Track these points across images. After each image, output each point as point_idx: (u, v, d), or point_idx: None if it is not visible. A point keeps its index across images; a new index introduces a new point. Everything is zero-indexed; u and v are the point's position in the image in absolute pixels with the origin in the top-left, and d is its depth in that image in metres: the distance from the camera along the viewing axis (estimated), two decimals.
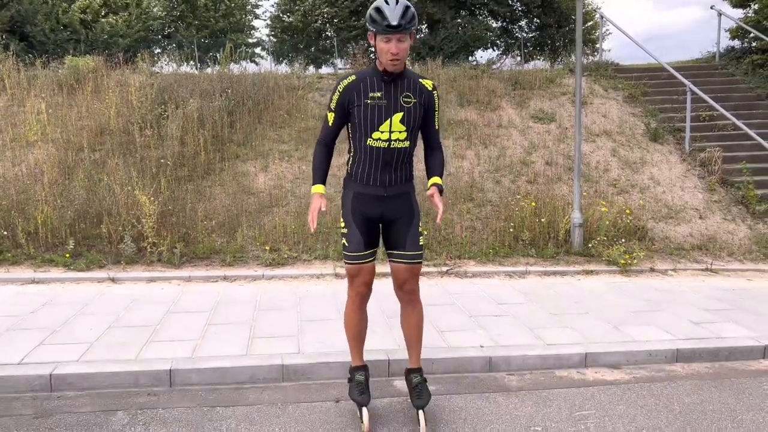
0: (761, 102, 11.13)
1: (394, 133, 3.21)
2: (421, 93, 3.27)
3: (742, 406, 3.79)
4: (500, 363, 4.34)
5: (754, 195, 8.49)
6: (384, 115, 3.19)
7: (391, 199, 3.33)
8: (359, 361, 3.58)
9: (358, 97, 3.20)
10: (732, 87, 11.59)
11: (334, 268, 6.63)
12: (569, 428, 3.46)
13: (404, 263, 3.40)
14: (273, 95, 10.05)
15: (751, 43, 12.91)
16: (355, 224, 3.35)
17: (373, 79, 3.21)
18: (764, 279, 6.93)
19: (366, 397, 3.43)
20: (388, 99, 3.19)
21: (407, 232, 3.38)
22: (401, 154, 3.27)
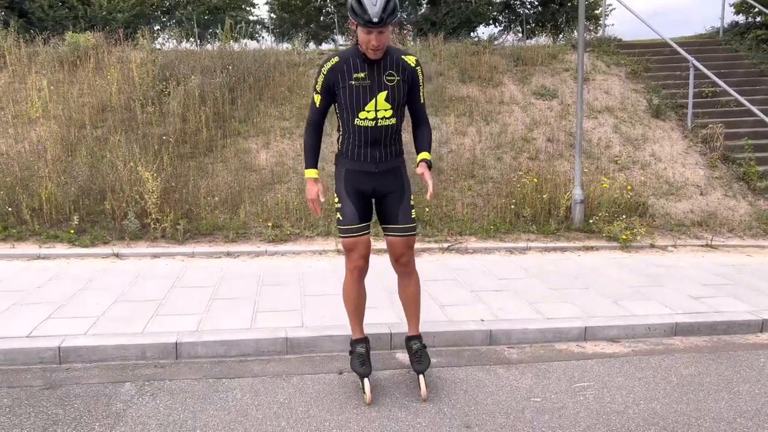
0: (765, 78, 11.06)
1: (380, 111, 3.27)
2: (404, 70, 3.30)
3: (738, 378, 3.85)
4: (500, 336, 4.41)
5: (756, 171, 8.50)
6: (369, 95, 3.24)
7: (381, 174, 3.40)
8: (360, 334, 3.65)
9: (342, 79, 3.24)
10: (736, 63, 11.51)
11: (335, 244, 6.68)
12: (568, 399, 3.53)
13: (399, 236, 3.47)
14: (274, 72, 10.01)
15: (755, 18, 12.78)
16: (348, 198, 3.41)
17: (356, 60, 3.23)
18: (764, 255, 6.97)
19: (367, 369, 3.51)
20: (372, 79, 3.23)
21: (399, 205, 3.44)
22: (389, 130, 3.34)
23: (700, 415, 3.33)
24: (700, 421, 3.27)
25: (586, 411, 3.38)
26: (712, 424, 3.23)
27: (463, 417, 3.30)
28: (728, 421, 3.28)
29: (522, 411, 3.38)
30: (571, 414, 3.35)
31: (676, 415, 3.34)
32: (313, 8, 19.63)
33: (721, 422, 3.26)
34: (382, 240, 6.85)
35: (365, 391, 3.46)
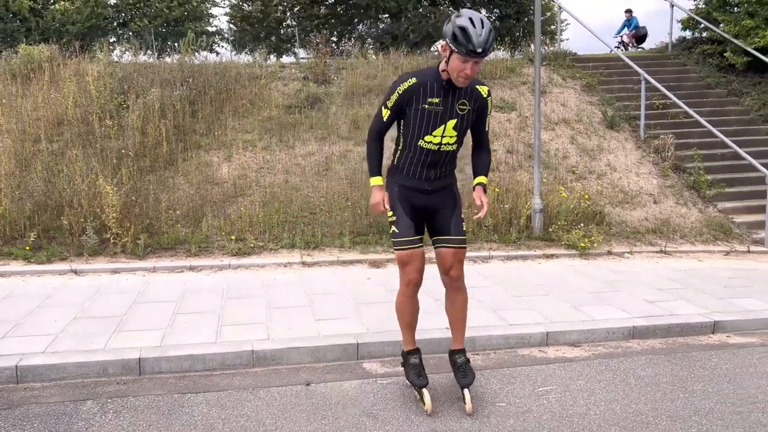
0: (711, 91, 11.57)
1: (445, 137, 3.32)
2: (477, 99, 3.34)
3: (692, 377, 4.01)
4: (465, 344, 4.46)
5: (705, 180, 8.86)
6: (439, 122, 3.27)
7: (434, 191, 3.47)
8: (412, 345, 3.65)
9: (416, 101, 3.25)
10: (684, 76, 12.00)
11: (300, 256, 6.67)
12: (532, 403, 3.61)
13: (450, 247, 3.48)
14: (235, 84, 9.96)
15: (701, 34, 13.36)
16: (403, 211, 3.43)
17: (434, 85, 3.24)
18: (714, 259, 7.26)
19: (424, 380, 3.51)
20: (445, 106, 3.26)
21: (451, 218, 3.49)
22: (449, 155, 3.41)
23: (657, 414, 3.45)
24: (657, 420, 3.39)
25: (549, 414, 3.46)
26: (669, 423, 3.36)
27: (430, 423, 3.34)
28: (683, 419, 3.41)
29: (488, 416, 3.44)
30: (534, 417, 3.42)
31: (634, 415, 3.45)
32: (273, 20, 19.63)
33: (677, 420, 3.38)
34: (358, 253, 6.89)
35: (425, 401, 3.45)
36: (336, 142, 9.04)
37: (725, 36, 11.85)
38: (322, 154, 8.75)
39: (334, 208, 7.65)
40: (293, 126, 9.26)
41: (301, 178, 8.27)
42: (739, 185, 9.02)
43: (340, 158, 8.72)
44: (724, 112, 10.80)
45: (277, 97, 10.00)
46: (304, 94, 9.97)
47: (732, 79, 11.78)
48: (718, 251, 7.60)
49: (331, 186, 8.07)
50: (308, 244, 7.00)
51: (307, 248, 6.95)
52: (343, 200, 7.79)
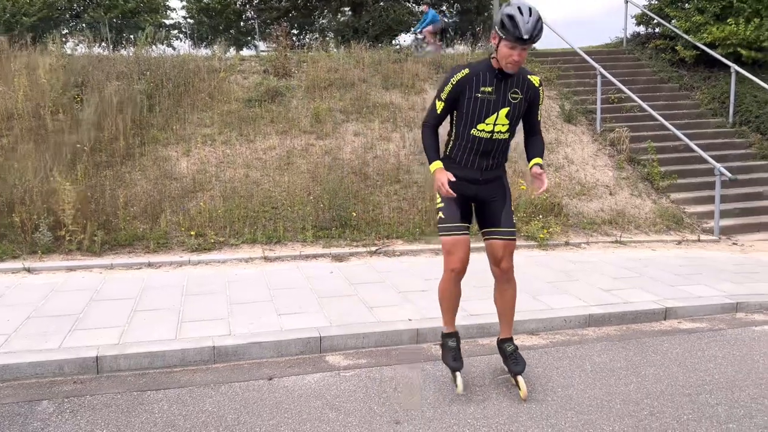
0: (664, 85, 11.92)
1: (497, 125, 3.38)
2: (528, 89, 3.41)
3: (645, 362, 4.15)
4: (427, 334, 4.53)
5: (658, 172, 9.14)
6: (492, 109, 3.34)
7: (485, 182, 3.52)
8: (452, 328, 3.70)
9: (469, 90, 3.32)
10: (638, 71, 12.33)
11: (262, 251, 6.62)
12: (492, 391, 3.68)
13: (501, 239, 3.54)
14: (194, 78, 9.80)
15: (654, 29, 13.73)
16: (451, 198, 3.45)
17: (486, 74, 3.33)
18: (666, 248, 7.51)
19: (459, 363, 3.60)
20: (498, 94, 3.33)
21: (502, 210, 3.54)
22: (501, 144, 3.46)
23: (611, 398, 3.57)
24: (611, 403, 3.50)
25: (508, 401, 3.54)
26: (622, 406, 3.48)
27: (392, 414, 3.38)
28: (636, 402, 3.53)
29: (449, 405, 3.50)
30: (494, 405, 3.50)
31: (590, 399, 3.56)
32: (232, 13, 19.34)
33: (629, 404, 3.51)
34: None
35: (457, 384, 3.56)
36: (297, 135, 9.00)
37: (676, 31, 12.21)
38: (284, 148, 8.70)
39: (296, 202, 7.62)
40: (253, 120, 9.17)
41: (262, 172, 8.21)
42: (690, 177, 9.33)
43: (302, 152, 8.68)
44: (676, 106, 11.16)
45: (236, 90, 9.88)
46: (265, 87, 9.88)
47: (683, 74, 12.16)
48: (670, 240, 7.86)
49: (292, 180, 8.04)
50: (270, 239, 6.96)
51: (268, 243, 6.91)
52: (305, 194, 7.77)
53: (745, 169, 9.51)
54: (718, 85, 11.46)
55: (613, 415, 3.37)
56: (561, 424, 3.27)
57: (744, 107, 10.79)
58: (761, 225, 8.53)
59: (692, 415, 3.38)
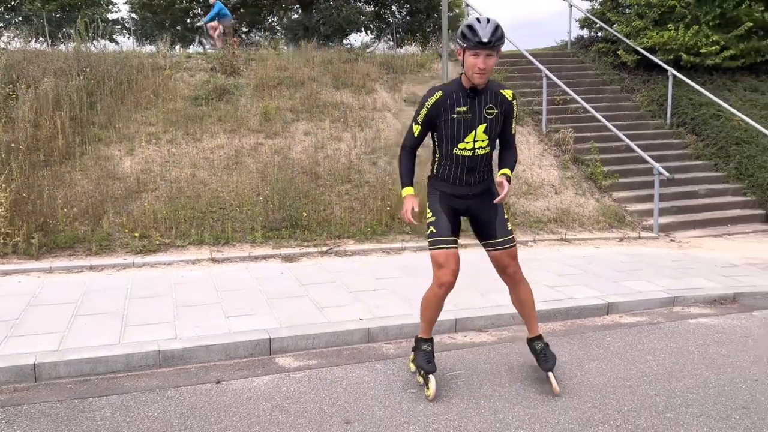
0: (606, 87, 12.32)
1: (477, 142, 3.45)
2: (502, 103, 3.48)
3: (588, 356, 4.28)
4: (378, 333, 4.54)
5: (601, 171, 9.44)
6: (469, 128, 3.41)
7: (475, 196, 3.59)
8: (428, 334, 3.74)
9: (445, 113, 3.39)
10: (582, 73, 12.70)
11: (210, 253, 6.50)
12: (442, 388, 3.72)
13: (502, 249, 3.62)
14: (137, 75, 9.53)
15: (597, 33, 14.17)
16: (443, 212, 3.53)
17: (459, 95, 3.40)
18: (609, 246, 7.76)
19: (433, 366, 3.61)
20: (473, 112, 3.40)
21: (495, 220, 3.61)
22: (484, 158, 3.53)
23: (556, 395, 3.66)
24: (556, 398, 3.60)
25: (457, 398, 3.59)
26: (566, 400, 3.57)
27: (343, 414, 3.38)
28: (580, 395, 3.64)
29: (399, 403, 3.52)
30: (444, 401, 3.54)
31: (536, 394, 3.65)
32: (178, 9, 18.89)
33: (574, 397, 3.61)
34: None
35: (429, 387, 3.55)
36: (246, 135, 8.87)
37: (618, 35, 12.64)
38: (232, 147, 8.56)
39: (245, 202, 7.51)
40: (200, 118, 8.99)
41: (210, 172, 8.05)
42: (631, 176, 9.68)
43: (251, 151, 8.56)
44: (617, 107, 11.55)
45: (182, 88, 9.66)
46: (212, 85, 9.70)
47: (625, 77, 12.59)
48: (612, 238, 8.14)
49: (241, 180, 7.91)
50: (218, 240, 6.83)
51: (216, 244, 6.79)
52: (254, 194, 7.66)
53: (682, 168, 9.93)
54: (657, 87, 11.92)
55: (558, 409, 3.46)
56: (508, 418, 3.34)
57: (681, 109, 11.27)
58: (697, 222, 8.93)
59: (632, 405, 3.50)
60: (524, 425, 3.27)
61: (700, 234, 8.60)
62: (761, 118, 10.66)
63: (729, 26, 11.62)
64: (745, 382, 3.82)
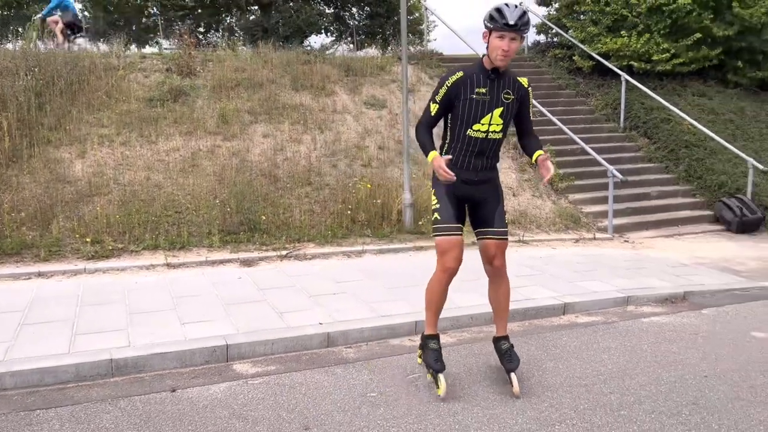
0: (562, 91, 12.58)
1: (492, 125, 3.53)
2: (519, 90, 3.58)
3: (546, 356, 4.34)
4: (338, 337, 4.51)
5: (557, 174, 9.62)
6: (486, 110, 3.49)
7: (480, 182, 3.65)
8: (434, 330, 3.76)
9: (464, 92, 3.48)
10: (539, 77, 12.93)
11: (165, 258, 6.34)
12: (402, 391, 3.72)
13: (495, 239, 3.69)
14: (89, 75, 9.25)
15: (553, 39, 14.46)
16: (447, 200, 3.61)
17: (479, 76, 3.49)
18: (565, 247, 7.91)
19: (442, 365, 3.62)
20: (492, 95, 3.49)
21: (495, 210, 3.69)
22: (495, 143, 3.60)
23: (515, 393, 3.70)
24: (514, 397, 3.63)
25: (418, 400, 3.59)
26: (524, 400, 3.62)
27: (302, 420, 3.34)
28: (538, 395, 3.69)
29: (359, 407, 3.49)
30: (404, 404, 3.54)
31: (494, 394, 3.68)
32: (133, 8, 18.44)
33: (531, 396, 3.66)
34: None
35: (440, 386, 3.57)
36: (203, 137, 8.70)
37: (573, 41, 12.92)
38: (188, 150, 8.39)
39: (202, 206, 7.36)
40: (155, 120, 8.78)
41: (165, 175, 7.87)
42: (586, 178, 9.89)
43: (208, 154, 8.41)
44: (573, 111, 11.80)
45: (137, 89, 9.42)
46: (168, 86, 9.48)
47: (580, 81, 12.88)
48: (569, 239, 8.29)
49: (198, 183, 7.76)
50: (173, 245, 6.67)
51: (172, 249, 6.63)
52: (211, 198, 7.52)
53: (635, 171, 10.21)
54: (611, 92, 12.23)
55: (516, 409, 3.49)
56: (467, 420, 3.36)
57: (633, 113, 11.59)
58: (649, 223, 9.19)
59: (588, 404, 3.57)
60: (483, 426, 3.29)
61: (653, 234, 8.86)
62: (709, 122, 11.06)
63: (678, 34, 12.02)
64: (694, 379, 3.94)
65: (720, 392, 3.74)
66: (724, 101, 12.07)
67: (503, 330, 3.87)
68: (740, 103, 12.11)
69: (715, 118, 11.44)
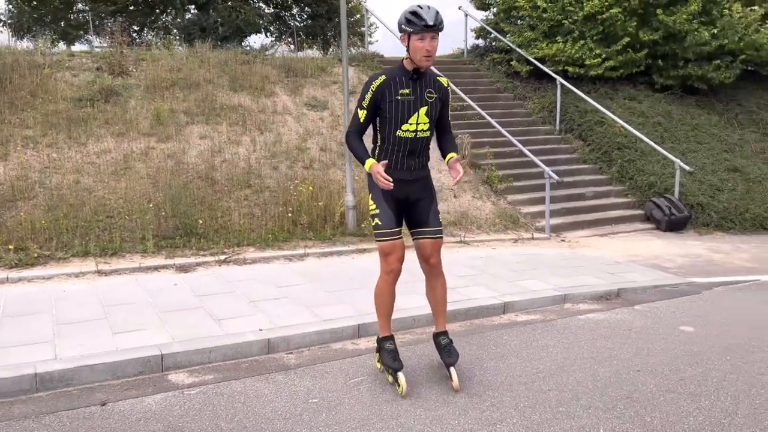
0: (501, 94, 12.84)
1: (419, 124, 3.62)
2: (440, 89, 3.71)
3: (487, 355, 4.39)
4: (279, 343, 4.42)
5: (496, 176, 9.80)
6: (412, 110, 3.59)
7: (414, 182, 3.74)
8: (388, 332, 3.84)
9: (389, 94, 3.56)
10: (478, 81, 13.15)
11: (96, 264, 6.06)
12: (344, 396, 3.67)
13: (430, 238, 3.78)
14: (11, 73, 8.77)
15: (491, 43, 14.74)
16: (386, 204, 3.67)
17: (402, 78, 3.59)
18: (505, 247, 8.06)
19: (399, 363, 3.70)
20: (415, 95, 3.59)
21: (429, 210, 3.79)
22: (424, 142, 3.71)
23: (457, 393, 3.72)
24: (456, 398, 3.65)
25: (360, 405, 3.55)
26: (467, 399, 3.63)
27: (241, 429, 3.24)
28: (479, 394, 3.71)
29: (300, 414, 3.42)
30: (346, 409, 3.49)
31: (437, 395, 3.68)
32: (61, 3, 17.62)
33: (473, 397, 3.68)
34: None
35: (400, 384, 3.64)
36: (136, 138, 8.39)
37: (510, 45, 13.21)
38: (120, 152, 8.06)
39: (135, 210, 7.08)
40: (85, 121, 8.40)
41: (96, 178, 7.53)
42: (524, 180, 10.11)
43: (142, 156, 8.10)
44: (511, 114, 12.06)
45: (64, 88, 8.99)
46: (98, 86, 9.10)
47: (517, 85, 13.17)
48: (508, 239, 8.45)
49: (131, 186, 7.46)
50: (105, 251, 6.38)
51: (103, 255, 6.34)
52: (145, 201, 7.25)
53: (570, 172, 10.52)
54: (547, 96, 12.56)
55: (458, 410, 3.50)
56: (410, 422, 3.34)
57: (568, 116, 11.95)
58: (584, 223, 9.48)
59: (528, 402, 3.62)
60: (426, 428, 3.28)
61: (588, 234, 9.14)
62: (639, 125, 11.52)
63: (609, 40, 12.49)
64: (628, 373, 4.07)
65: (652, 386, 3.87)
66: (653, 105, 12.62)
67: (442, 326, 3.96)
68: (667, 106, 12.69)
69: (644, 121, 11.94)
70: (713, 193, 10.22)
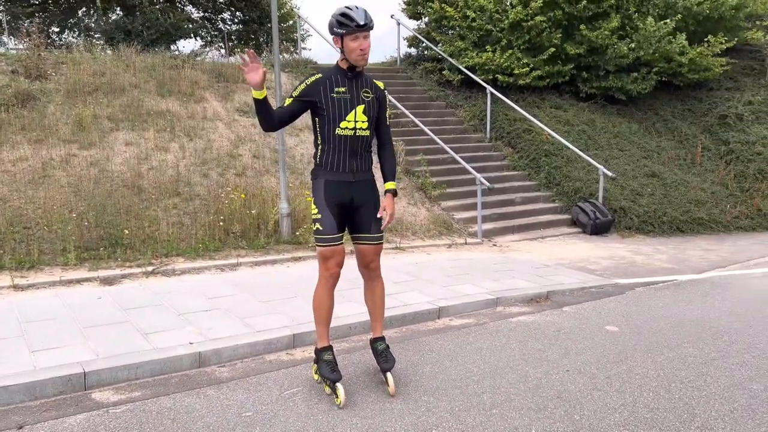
0: (433, 102, 13.04)
1: (358, 122, 3.63)
2: (376, 90, 3.75)
3: (422, 360, 4.42)
4: (211, 356, 4.29)
5: (430, 182, 9.94)
6: (349, 107, 3.61)
7: (358, 184, 3.72)
8: (326, 342, 3.81)
9: (324, 92, 3.58)
10: (411, 89, 13.32)
11: (11, 279, 5.70)
12: (279, 408, 3.60)
13: (371, 244, 3.81)
14: None
15: (424, 52, 14.97)
16: (328, 209, 3.66)
17: (337, 77, 3.63)
18: (439, 252, 8.17)
19: (338, 374, 3.68)
20: (351, 93, 3.63)
21: (372, 217, 3.77)
22: (365, 141, 3.70)
23: (393, 399, 3.72)
24: (392, 404, 3.65)
25: (295, 416, 3.49)
26: (402, 405, 3.64)
27: None
28: (415, 399, 3.73)
29: (233, 428, 3.33)
30: (281, 422, 3.42)
31: (373, 403, 3.67)
32: None
33: (409, 402, 3.69)
34: None
35: (339, 395, 3.61)
36: (56, 145, 7.97)
37: (442, 54, 13.46)
38: (38, 159, 7.63)
39: (55, 220, 6.71)
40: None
41: (11, 187, 7.10)
42: (457, 186, 10.31)
43: (62, 164, 7.71)
44: (443, 122, 12.27)
45: None
46: (13, 90, 8.61)
47: (449, 93, 13.43)
48: (442, 245, 8.58)
49: (50, 196, 7.08)
50: (21, 264, 6.02)
51: (20, 269, 5.97)
52: (66, 211, 6.89)
53: (501, 178, 10.80)
54: (478, 104, 12.87)
55: (394, 416, 3.50)
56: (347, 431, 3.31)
57: (498, 124, 12.28)
58: (514, 227, 9.75)
59: (463, 405, 3.66)
60: None
61: (518, 238, 9.40)
62: (565, 133, 11.98)
63: (536, 50, 12.94)
64: (558, 373, 4.20)
65: (580, 384, 4.01)
66: (578, 113, 13.15)
67: (379, 331, 3.98)
68: (591, 115, 13.25)
69: (570, 129, 12.42)
70: (634, 198, 10.75)
